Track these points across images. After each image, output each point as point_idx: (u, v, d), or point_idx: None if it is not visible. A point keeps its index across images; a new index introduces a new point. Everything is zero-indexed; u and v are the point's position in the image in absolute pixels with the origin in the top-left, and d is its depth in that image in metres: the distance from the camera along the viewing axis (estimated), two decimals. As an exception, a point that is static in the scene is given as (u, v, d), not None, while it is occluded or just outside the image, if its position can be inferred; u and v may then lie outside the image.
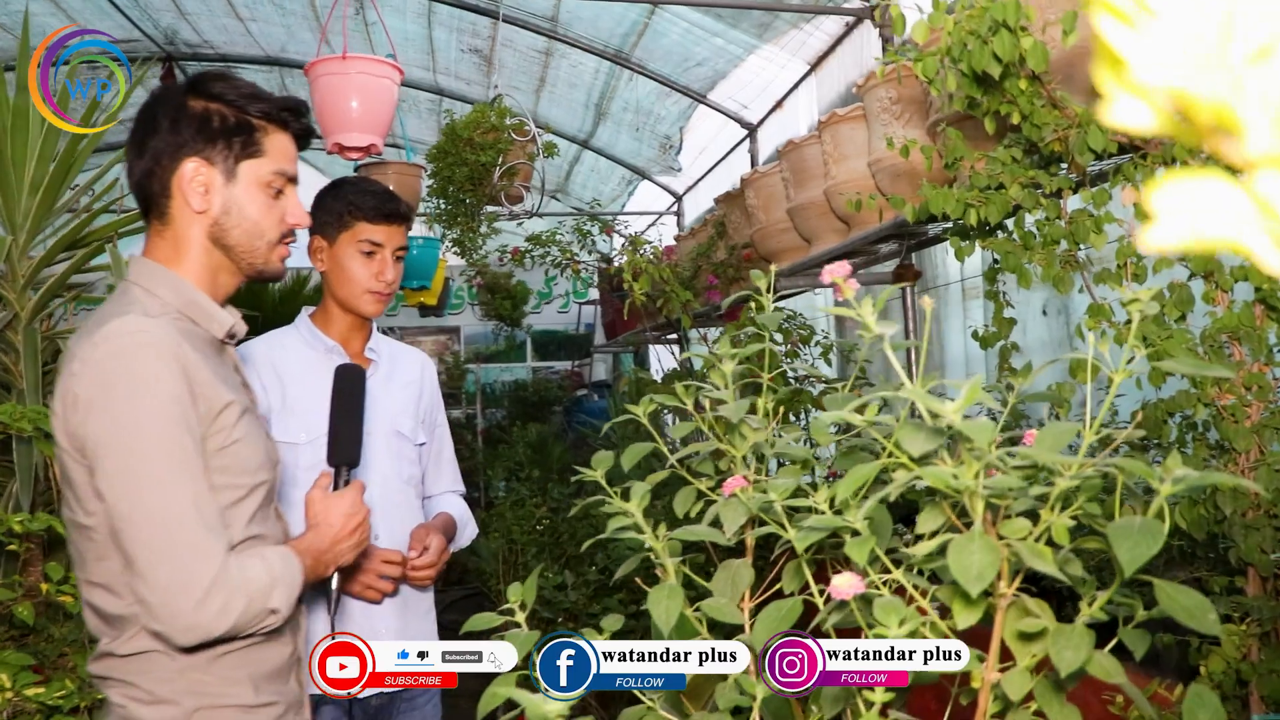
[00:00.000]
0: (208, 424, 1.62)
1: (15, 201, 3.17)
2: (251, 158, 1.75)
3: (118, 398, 1.55)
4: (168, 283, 1.71)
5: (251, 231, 1.76)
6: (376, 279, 2.52)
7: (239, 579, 1.55)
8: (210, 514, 1.56)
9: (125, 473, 1.54)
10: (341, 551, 1.82)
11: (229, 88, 1.74)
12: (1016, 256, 2.05)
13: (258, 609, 1.57)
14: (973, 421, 0.84)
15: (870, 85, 3.19)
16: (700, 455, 1.55)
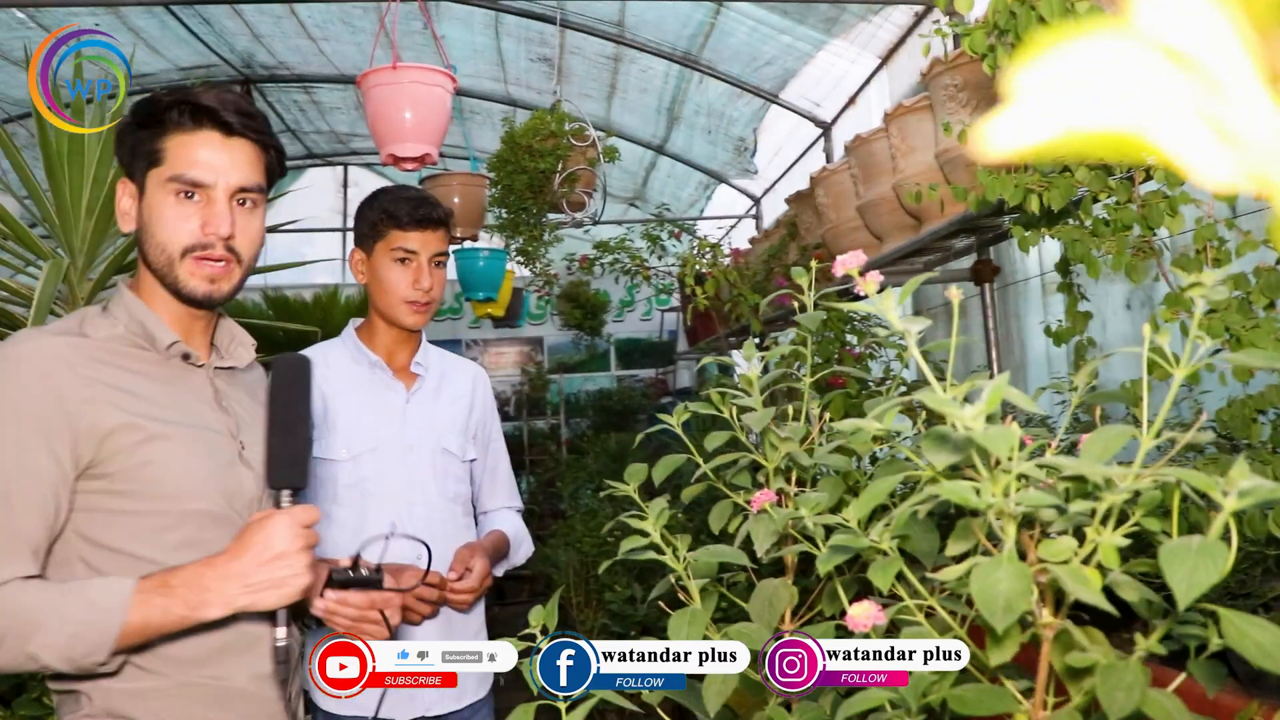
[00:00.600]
0: (92, 445, 1.53)
1: (73, 225, 3.18)
2: (154, 167, 1.62)
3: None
4: (125, 305, 1.67)
5: (156, 247, 1.63)
6: (413, 287, 2.44)
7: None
8: (17, 540, 1.47)
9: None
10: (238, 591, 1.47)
11: (146, 99, 1.65)
12: (1084, 244, 1.90)
13: (17, 649, 1.41)
14: (993, 429, 0.73)
15: (934, 72, 3.05)
16: (736, 467, 1.45)
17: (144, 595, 1.45)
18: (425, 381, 2.54)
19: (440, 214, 2.49)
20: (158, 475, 1.56)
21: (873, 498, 0.86)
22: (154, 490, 1.56)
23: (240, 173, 1.66)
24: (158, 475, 1.56)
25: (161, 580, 1.47)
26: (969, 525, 0.90)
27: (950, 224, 3.32)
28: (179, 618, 1.47)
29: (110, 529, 1.55)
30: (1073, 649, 0.86)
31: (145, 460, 1.55)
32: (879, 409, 0.90)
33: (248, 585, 1.47)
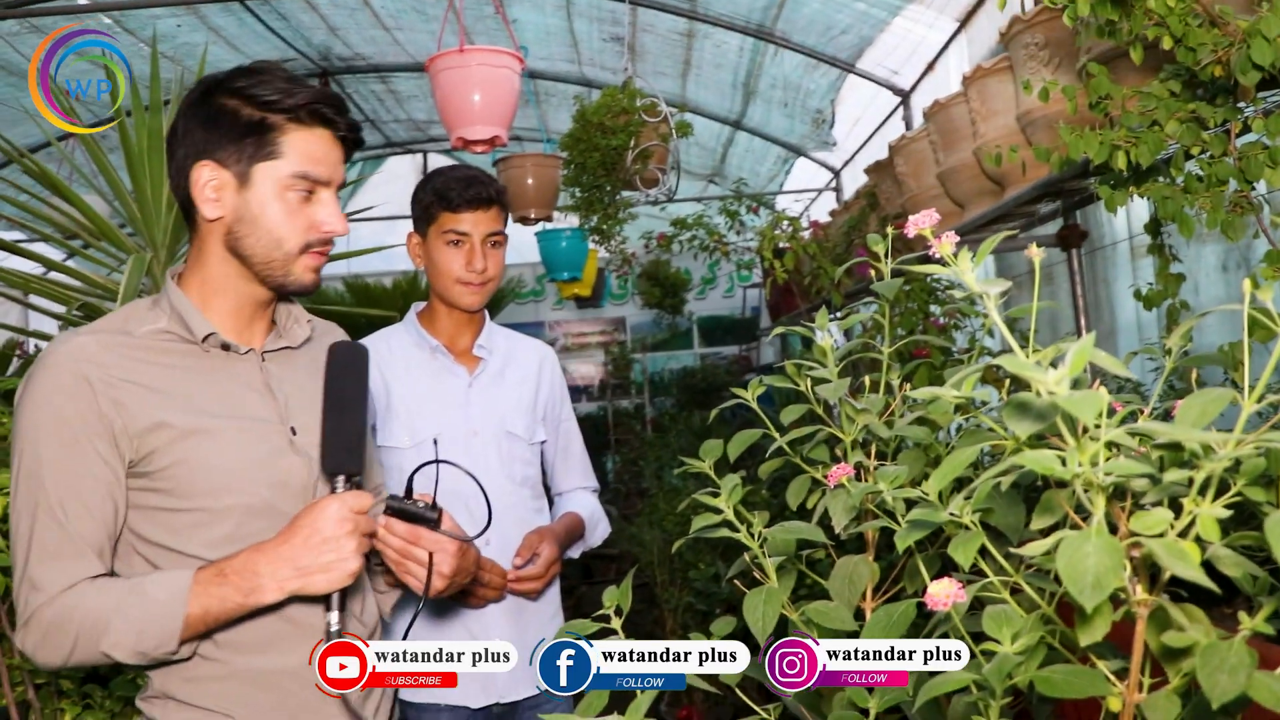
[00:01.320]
0: (131, 444, 1.54)
1: (154, 219, 3.23)
2: (267, 159, 1.61)
3: (18, 416, 1.54)
4: (170, 296, 1.66)
5: (267, 241, 1.62)
6: (466, 269, 2.41)
7: (67, 614, 1.46)
8: (62, 543, 1.49)
9: (12, 489, 1.54)
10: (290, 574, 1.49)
11: (252, 83, 1.61)
12: (1176, 201, 1.81)
13: (91, 646, 1.47)
14: (1078, 394, 0.68)
15: (1013, 31, 2.95)
16: (814, 440, 1.41)
17: (202, 586, 1.49)
18: (488, 364, 2.52)
19: (492, 192, 2.45)
20: (192, 474, 1.57)
21: (952, 469, 0.82)
22: (190, 488, 1.57)
23: (342, 170, 1.71)
24: (192, 474, 1.57)
25: (217, 569, 1.51)
26: (1054, 497, 0.85)
27: (1034, 188, 3.22)
28: (237, 604, 1.50)
29: (154, 526, 1.57)
30: (1170, 628, 0.81)
31: (179, 459, 1.56)
32: (957, 376, 0.86)
33: (298, 569, 1.49)
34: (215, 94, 1.62)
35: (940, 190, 4.08)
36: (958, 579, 0.86)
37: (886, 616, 1.02)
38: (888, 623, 1.02)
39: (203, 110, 1.61)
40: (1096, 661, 0.84)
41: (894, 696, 1.07)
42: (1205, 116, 1.82)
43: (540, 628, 2.49)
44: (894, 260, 1.44)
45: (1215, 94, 1.88)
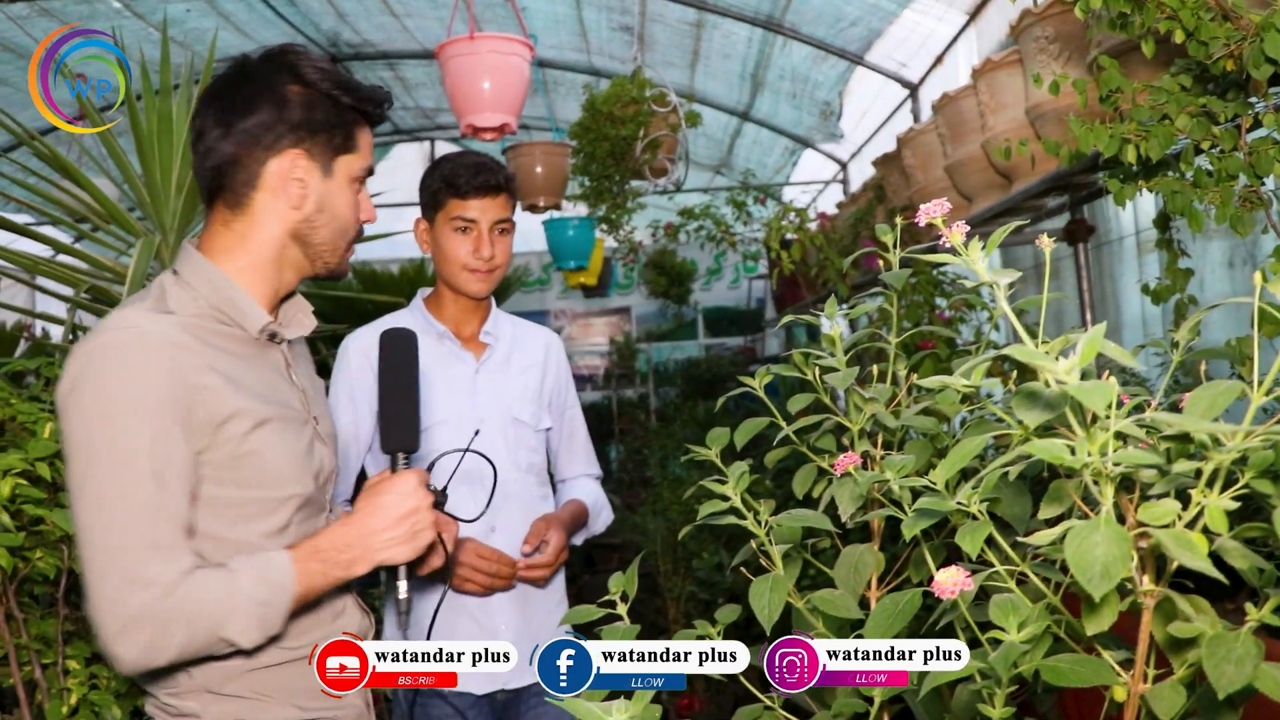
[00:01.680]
0: (207, 434, 1.50)
1: (164, 203, 3.24)
2: (347, 152, 1.64)
3: (90, 397, 1.44)
4: (206, 276, 1.59)
5: (339, 230, 1.66)
6: (473, 256, 2.41)
7: (179, 607, 1.40)
8: (162, 535, 1.42)
9: (82, 479, 1.43)
10: (379, 545, 1.56)
11: (326, 75, 1.61)
12: (1185, 196, 1.81)
13: (208, 637, 1.42)
14: (1088, 383, 0.68)
15: (1023, 24, 2.94)
16: (821, 429, 1.41)
17: (302, 564, 1.50)
18: (495, 351, 2.52)
19: (500, 179, 2.44)
20: (260, 464, 1.55)
21: (960, 458, 0.82)
22: (256, 479, 1.56)
23: None
24: (260, 464, 1.55)
25: (311, 547, 1.53)
26: (1063, 487, 0.85)
27: (1042, 181, 3.22)
28: (334, 579, 1.54)
29: (213, 517, 1.53)
30: (1176, 619, 0.81)
31: (250, 449, 1.54)
32: (966, 366, 0.86)
33: (387, 540, 1.56)
34: (293, 81, 1.60)
35: (948, 183, 4.08)
36: (963, 568, 0.86)
37: (892, 605, 1.03)
38: (893, 611, 1.02)
39: (284, 97, 1.59)
40: (1102, 652, 0.85)
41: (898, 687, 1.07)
42: (1216, 111, 1.82)
43: (546, 615, 2.50)
44: (901, 250, 1.44)
45: (1226, 89, 1.88)
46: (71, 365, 1.47)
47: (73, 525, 1.45)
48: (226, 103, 1.60)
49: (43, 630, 2.36)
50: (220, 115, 1.59)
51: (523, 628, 2.44)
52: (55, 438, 2.26)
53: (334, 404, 2.43)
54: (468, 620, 2.40)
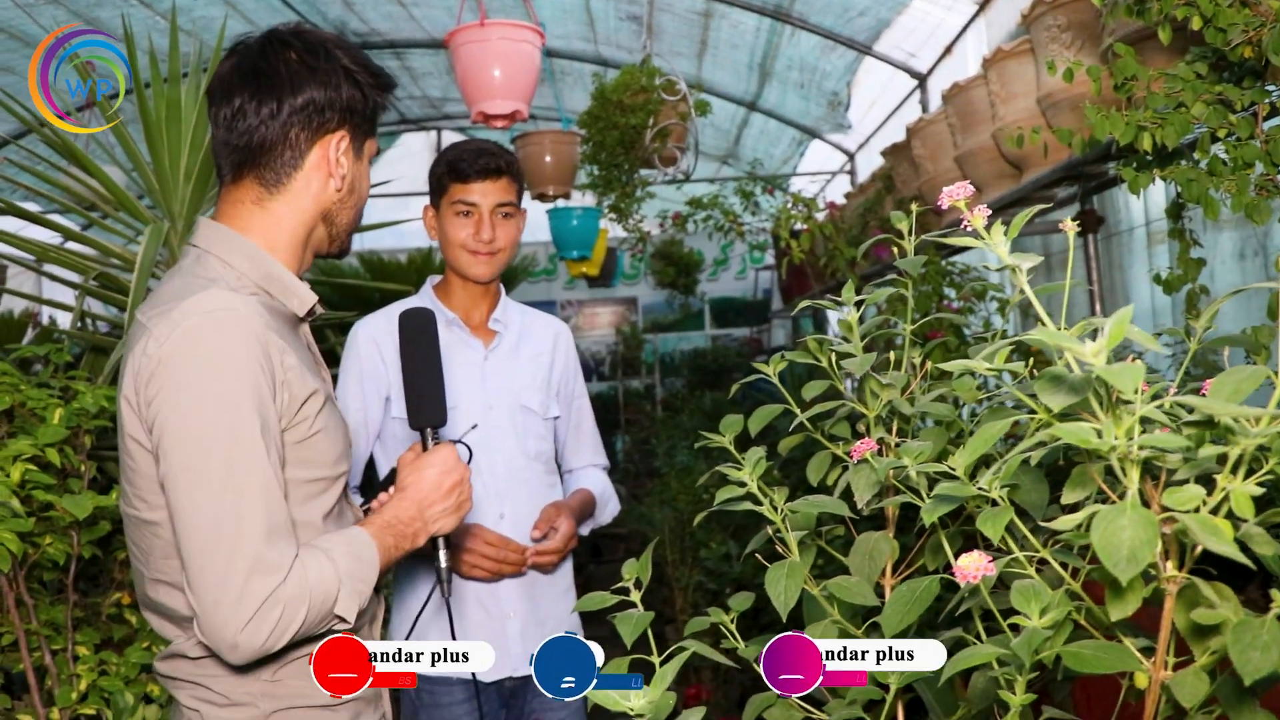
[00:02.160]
0: (290, 415, 1.49)
1: (172, 190, 3.23)
2: (370, 135, 1.69)
3: (192, 383, 1.40)
4: (245, 253, 1.56)
5: (357, 210, 1.70)
6: (474, 238, 2.43)
7: (300, 589, 1.40)
8: (278, 519, 1.42)
9: (190, 468, 1.39)
10: (434, 516, 1.61)
11: (355, 58, 1.63)
12: (1201, 184, 1.80)
13: (320, 616, 1.43)
14: (1120, 365, 0.67)
15: (1036, 13, 2.93)
16: (835, 416, 1.41)
17: (379, 539, 1.53)
18: (504, 338, 2.53)
19: (501, 163, 2.46)
20: (326, 441, 1.57)
21: (983, 443, 0.82)
22: (323, 457, 1.57)
23: None
24: (326, 441, 1.57)
25: (383, 522, 1.56)
26: (1086, 471, 0.85)
27: (1053, 171, 3.20)
28: (403, 551, 1.58)
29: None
30: (1197, 605, 0.81)
31: (321, 427, 1.55)
32: (988, 350, 0.86)
33: (440, 511, 1.62)
34: (343, 62, 1.60)
35: (958, 173, 4.06)
36: (985, 553, 0.86)
37: (910, 592, 1.02)
38: (910, 598, 1.02)
39: (327, 79, 1.58)
40: (1123, 639, 0.84)
41: (914, 672, 1.06)
42: (1232, 98, 1.81)
43: (553, 602, 2.51)
44: (916, 239, 1.43)
45: (1242, 76, 1.86)
46: (161, 349, 1.42)
47: (177, 518, 1.41)
48: (273, 81, 1.56)
49: (52, 616, 2.36)
50: (266, 93, 1.56)
51: (530, 615, 2.45)
52: (65, 424, 2.26)
53: (343, 391, 2.44)
54: (475, 606, 2.41)
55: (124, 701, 2.21)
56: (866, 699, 1.10)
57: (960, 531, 1.21)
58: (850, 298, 1.28)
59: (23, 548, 2.01)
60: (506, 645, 2.42)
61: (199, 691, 1.54)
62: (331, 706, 1.58)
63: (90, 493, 2.19)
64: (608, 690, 0.84)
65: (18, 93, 3.45)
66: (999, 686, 1.00)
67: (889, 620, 1.02)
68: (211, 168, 3.33)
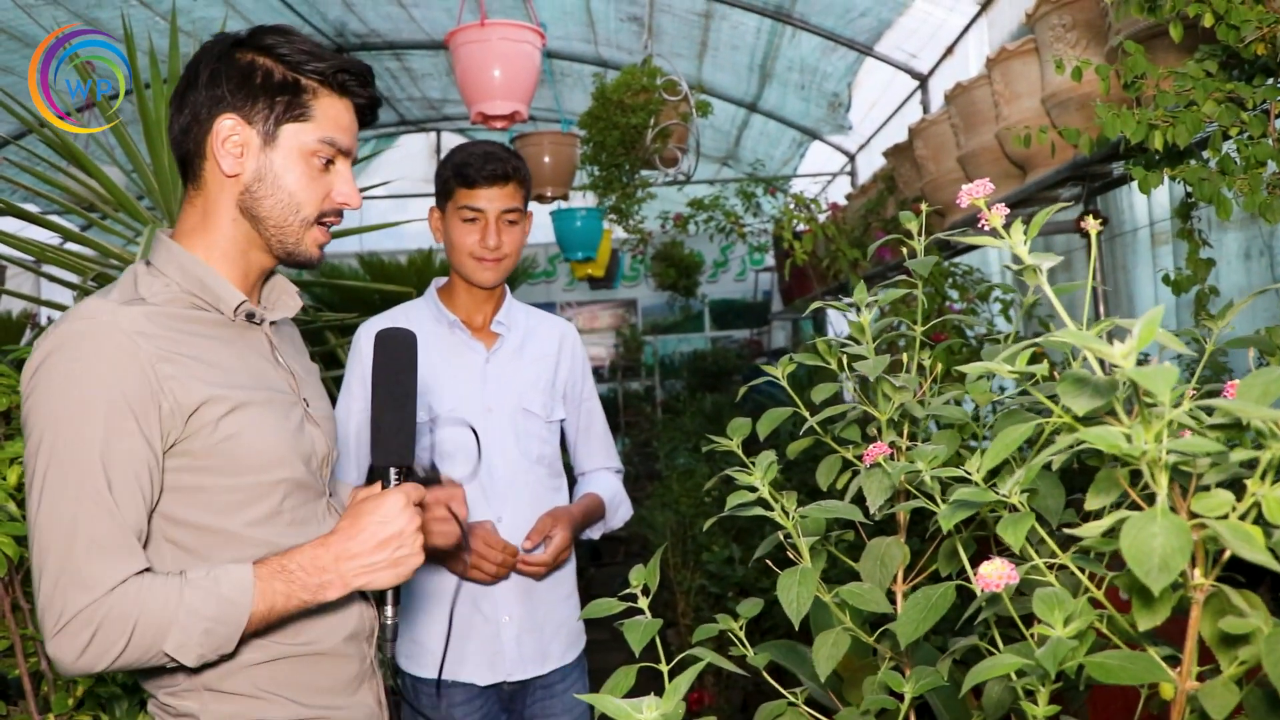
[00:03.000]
0: (178, 423, 1.44)
1: (171, 191, 3.22)
2: (296, 121, 1.56)
3: (46, 390, 1.39)
4: (175, 261, 1.54)
5: (285, 204, 1.56)
6: (480, 245, 2.41)
7: (122, 612, 1.33)
8: (105, 535, 1.36)
9: (35, 473, 1.38)
10: (354, 571, 1.46)
11: (283, 41, 1.56)
12: (1213, 183, 1.78)
13: (145, 649, 1.35)
14: (1152, 367, 0.65)
15: (1041, 12, 2.91)
16: (845, 420, 1.38)
17: (265, 582, 1.42)
18: (506, 341, 2.51)
19: (509, 169, 2.43)
20: (241, 448, 1.50)
21: (1004, 447, 0.79)
22: (238, 465, 1.50)
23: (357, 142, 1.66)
24: (241, 448, 1.50)
25: (279, 565, 1.44)
26: (1111, 476, 0.83)
27: (1057, 172, 3.19)
28: (301, 602, 1.45)
29: (194, 506, 1.49)
30: (1225, 613, 0.78)
31: (228, 434, 1.48)
32: (1009, 351, 0.83)
33: (366, 566, 1.47)
34: (243, 49, 1.56)
35: (960, 174, 4.04)
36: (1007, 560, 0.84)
37: (925, 599, 1.00)
38: (926, 605, 0.99)
39: (230, 63, 1.54)
40: (1148, 648, 0.82)
41: (930, 681, 1.04)
42: (1244, 96, 1.79)
43: (553, 607, 2.48)
44: (925, 239, 1.41)
45: (1254, 74, 1.84)
46: (34, 355, 1.43)
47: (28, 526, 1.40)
48: (185, 76, 1.58)
49: (50, 621, 2.34)
50: (179, 88, 1.57)
51: (527, 619, 2.43)
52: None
53: (346, 394, 2.43)
54: (471, 609, 2.39)
55: (120, 709, 2.19)
56: (879, 707, 1.08)
57: (973, 537, 1.19)
58: (862, 299, 1.25)
59: (19, 552, 1.98)
60: (501, 649, 2.40)
61: (154, 702, 1.53)
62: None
63: (88, 496, 2.16)
64: (618, 702, 0.82)
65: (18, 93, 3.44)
66: (1015, 696, 0.98)
67: (904, 627, 0.99)
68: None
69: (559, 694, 2.47)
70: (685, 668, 0.92)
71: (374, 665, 1.68)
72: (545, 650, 2.45)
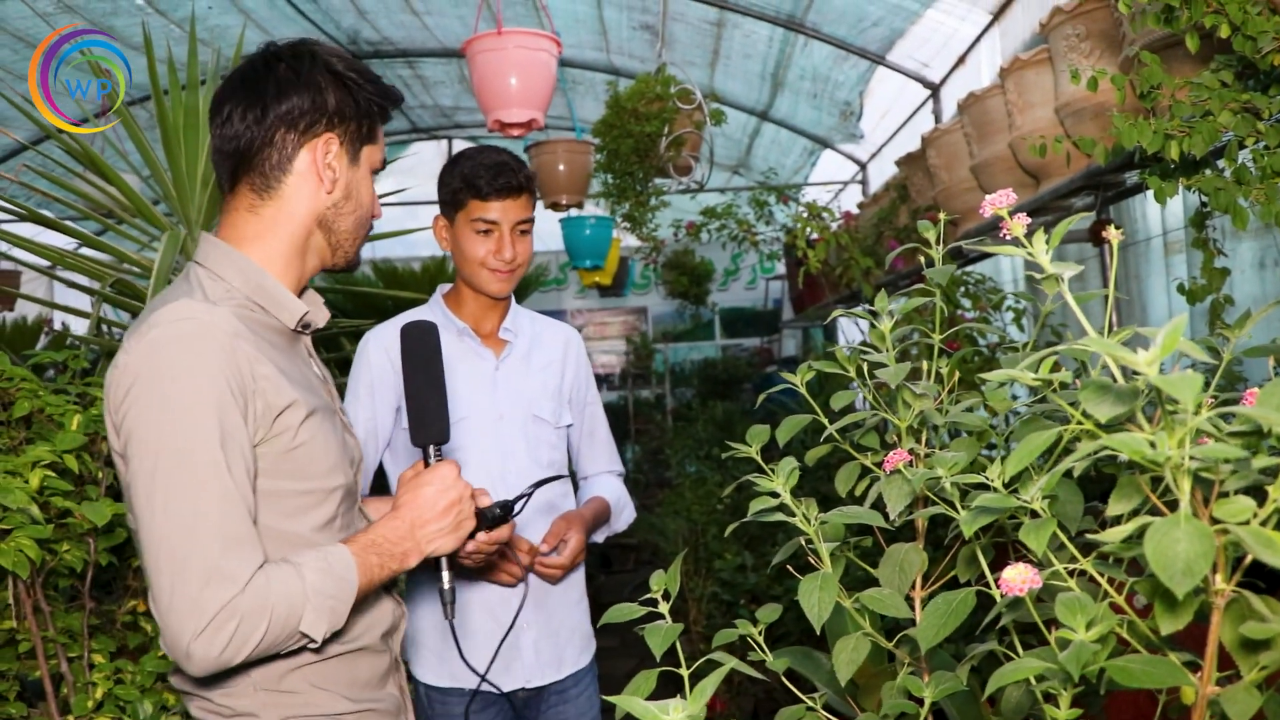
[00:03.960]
0: (265, 425, 1.49)
1: (189, 196, 3.24)
2: (371, 142, 1.68)
3: (153, 392, 1.41)
4: (235, 266, 1.57)
5: (361, 218, 1.68)
6: (495, 257, 2.40)
7: (260, 602, 1.38)
8: (237, 529, 1.40)
9: (148, 475, 1.39)
10: (428, 537, 1.58)
11: (354, 68, 1.64)
12: (1229, 193, 1.79)
13: (284, 632, 1.41)
14: (1176, 375, 0.66)
15: (1055, 22, 2.92)
16: (864, 427, 1.39)
17: (361, 558, 1.50)
18: (514, 348, 2.52)
19: (521, 180, 2.43)
20: (310, 454, 1.55)
21: (1028, 454, 0.80)
22: (306, 470, 1.55)
23: None
24: (310, 454, 1.55)
25: (367, 541, 1.53)
26: (1134, 483, 0.84)
27: (1071, 181, 3.19)
28: (391, 571, 1.55)
29: (265, 509, 1.51)
30: (1245, 619, 0.79)
31: (303, 440, 1.53)
32: (1031, 359, 0.85)
33: (435, 531, 1.59)
34: (332, 70, 1.62)
35: (973, 183, 4.05)
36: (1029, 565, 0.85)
37: (945, 604, 1.01)
38: (946, 611, 1.00)
39: (324, 84, 1.60)
40: (1169, 653, 0.83)
41: (950, 686, 1.05)
42: (1260, 106, 1.80)
43: (565, 613, 2.49)
44: (944, 248, 1.42)
45: (1269, 84, 1.85)
46: (129, 360, 1.44)
47: (139, 526, 1.41)
48: (259, 89, 1.59)
49: (68, 624, 2.36)
50: (252, 100, 1.58)
51: (543, 625, 2.44)
52: (83, 430, 2.26)
53: (352, 400, 2.43)
54: (486, 617, 2.39)
55: (144, 710, 2.20)
56: (899, 711, 1.09)
57: (992, 543, 1.20)
58: (884, 307, 1.27)
59: (41, 555, 2.00)
60: (520, 656, 2.41)
61: (204, 704, 1.54)
62: (341, 715, 1.59)
63: (108, 500, 2.18)
64: (646, 704, 0.83)
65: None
66: (1033, 700, 0.99)
67: (925, 633, 1.00)
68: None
69: (573, 699, 2.48)
70: (703, 672, 0.93)
71: (397, 659, 1.74)
72: (561, 656, 2.46)
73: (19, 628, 2.26)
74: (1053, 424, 1.13)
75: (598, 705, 2.54)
